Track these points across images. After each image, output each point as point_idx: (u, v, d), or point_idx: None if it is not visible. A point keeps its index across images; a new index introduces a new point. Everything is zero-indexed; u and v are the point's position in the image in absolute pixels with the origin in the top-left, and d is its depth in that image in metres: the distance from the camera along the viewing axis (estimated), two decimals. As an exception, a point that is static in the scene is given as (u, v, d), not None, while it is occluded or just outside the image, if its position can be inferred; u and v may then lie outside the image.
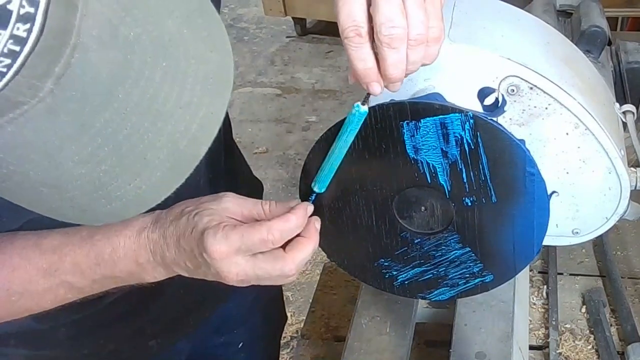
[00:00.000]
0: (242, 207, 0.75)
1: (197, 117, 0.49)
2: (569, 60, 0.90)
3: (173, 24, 0.47)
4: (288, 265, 0.73)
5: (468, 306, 1.01)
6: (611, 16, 2.76)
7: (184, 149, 0.49)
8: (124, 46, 0.45)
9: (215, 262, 0.72)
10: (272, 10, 4.12)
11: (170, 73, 0.47)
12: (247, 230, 0.72)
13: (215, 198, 0.76)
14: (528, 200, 0.80)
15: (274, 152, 3.39)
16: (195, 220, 0.73)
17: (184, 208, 0.76)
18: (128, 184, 0.48)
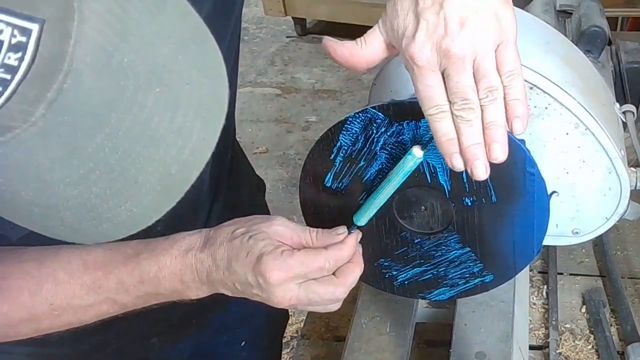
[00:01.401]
0: (292, 233, 0.78)
1: (190, 142, 0.49)
2: (569, 60, 0.90)
3: (168, 50, 0.47)
4: (339, 289, 0.77)
5: (468, 306, 1.01)
6: (611, 16, 2.76)
7: (176, 173, 0.50)
8: (117, 72, 0.45)
9: (270, 287, 0.74)
10: (272, 10, 4.12)
11: (164, 99, 0.47)
12: (306, 257, 0.75)
13: (267, 220, 0.78)
14: (528, 200, 0.80)
15: (274, 152, 3.39)
16: (251, 244, 0.75)
17: (235, 229, 0.77)
18: (119, 206, 0.49)
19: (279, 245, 0.76)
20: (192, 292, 0.78)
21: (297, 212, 0.89)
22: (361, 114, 0.79)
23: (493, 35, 0.66)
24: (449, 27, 0.65)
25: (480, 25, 0.66)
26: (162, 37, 0.47)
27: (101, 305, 0.78)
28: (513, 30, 0.68)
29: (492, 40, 0.66)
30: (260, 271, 0.73)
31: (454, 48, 0.65)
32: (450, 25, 0.65)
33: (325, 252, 0.76)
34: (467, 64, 0.66)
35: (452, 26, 0.65)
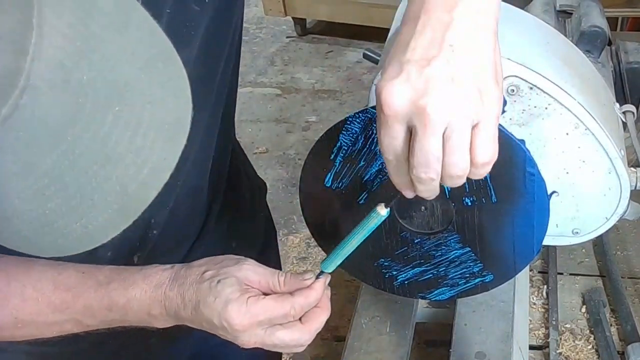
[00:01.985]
0: (261, 277, 0.78)
1: (149, 162, 0.49)
2: (569, 60, 0.90)
3: (131, 68, 0.47)
4: (305, 337, 0.78)
5: (468, 306, 1.01)
6: (611, 16, 2.76)
7: (133, 193, 0.49)
8: (76, 90, 0.44)
9: (235, 332, 0.77)
10: (272, 11, 4.12)
11: (124, 117, 0.46)
12: (271, 305, 0.76)
13: (237, 263, 0.79)
14: (528, 200, 0.80)
15: (274, 152, 3.39)
16: (218, 290, 0.76)
17: (205, 271, 0.78)
18: (75, 222, 0.48)
19: (245, 290, 0.77)
20: (159, 324, 0.80)
21: (297, 212, 0.89)
22: (361, 114, 0.79)
23: (472, 110, 0.63)
24: (429, 87, 0.62)
25: (461, 94, 0.62)
26: (125, 55, 0.46)
27: (65, 324, 0.79)
28: (495, 112, 0.65)
29: (471, 115, 0.63)
30: (226, 318, 0.76)
31: (430, 108, 0.61)
32: (432, 84, 0.62)
33: (291, 298, 0.77)
34: (438, 129, 0.63)
35: (433, 86, 0.62)
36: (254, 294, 0.77)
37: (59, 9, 0.43)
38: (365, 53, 1.14)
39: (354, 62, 4.07)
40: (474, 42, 0.64)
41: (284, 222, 2.79)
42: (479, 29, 0.65)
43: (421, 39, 0.63)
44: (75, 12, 0.44)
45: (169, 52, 0.50)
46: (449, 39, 0.63)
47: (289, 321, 0.77)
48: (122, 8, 0.47)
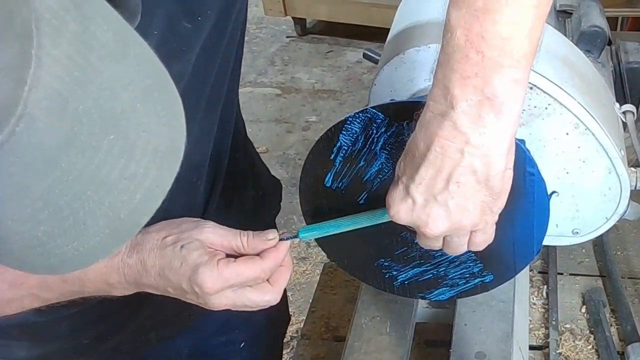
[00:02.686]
0: (223, 238, 0.79)
1: (142, 188, 0.49)
2: (569, 60, 0.90)
3: (127, 97, 0.47)
4: (274, 296, 0.81)
5: (468, 306, 1.01)
6: (611, 16, 2.76)
7: (125, 218, 0.50)
8: (72, 118, 0.45)
9: (207, 295, 0.77)
10: (272, 10, 4.12)
11: (118, 145, 0.47)
12: (242, 269, 0.77)
13: (197, 226, 0.79)
14: (528, 200, 0.80)
15: (274, 152, 3.39)
16: (184, 254, 0.76)
17: (165, 236, 0.78)
18: (66, 245, 0.49)
19: (213, 254, 0.77)
20: (118, 292, 0.80)
21: (297, 212, 0.89)
22: (361, 114, 0.79)
23: (469, 228, 0.73)
24: (430, 221, 0.71)
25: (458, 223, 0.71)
26: (122, 84, 0.47)
27: (23, 300, 0.79)
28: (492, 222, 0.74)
29: (468, 231, 0.73)
30: (197, 282, 0.76)
31: (429, 234, 0.73)
32: (433, 219, 0.71)
33: (260, 262, 0.78)
34: (436, 242, 0.75)
35: (434, 220, 0.71)
36: (222, 257, 0.77)
37: (58, 40, 0.43)
38: (365, 53, 1.14)
39: (354, 62, 4.08)
40: (479, 181, 0.69)
41: (284, 222, 2.79)
42: (489, 165, 0.68)
43: (431, 168, 0.69)
44: (74, 43, 0.44)
45: (165, 81, 0.50)
46: (455, 177, 0.68)
47: (256, 282, 0.79)
48: (121, 38, 0.47)
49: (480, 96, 0.65)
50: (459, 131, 0.66)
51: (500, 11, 0.63)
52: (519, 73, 0.65)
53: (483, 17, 0.63)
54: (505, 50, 0.64)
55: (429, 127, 0.68)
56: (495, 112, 0.65)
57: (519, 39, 0.64)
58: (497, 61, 0.64)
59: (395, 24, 1.01)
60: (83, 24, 0.45)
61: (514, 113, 0.66)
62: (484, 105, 0.65)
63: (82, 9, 0.45)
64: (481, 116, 0.65)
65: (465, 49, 0.64)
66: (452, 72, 0.65)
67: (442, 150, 0.67)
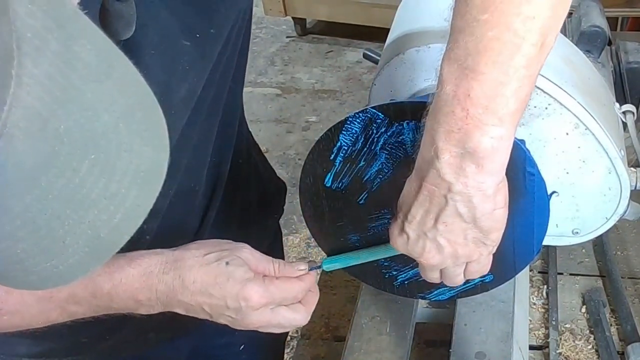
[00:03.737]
0: (258, 262, 0.83)
1: (122, 207, 0.49)
2: (569, 60, 0.90)
3: (109, 117, 0.47)
4: (304, 316, 0.85)
5: (468, 306, 1.01)
6: (611, 16, 2.76)
7: (105, 237, 0.49)
8: (52, 138, 0.44)
9: (250, 309, 0.79)
10: (272, 10, 4.12)
11: (99, 165, 0.46)
12: (286, 286, 0.82)
13: (236, 246, 0.83)
14: (528, 200, 0.80)
15: (274, 152, 3.39)
16: (230, 271, 0.79)
17: (206, 253, 0.80)
18: (45, 262, 0.48)
19: (257, 271, 0.81)
20: (144, 310, 0.81)
21: (297, 212, 0.89)
22: (361, 114, 0.79)
23: (465, 255, 0.75)
24: (424, 253, 0.75)
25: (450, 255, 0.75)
26: (104, 105, 0.46)
27: (50, 313, 0.79)
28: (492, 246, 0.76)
29: (463, 258, 0.76)
30: (245, 296, 0.78)
31: (425, 263, 0.77)
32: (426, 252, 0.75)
33: (299, 282, 0.83)
34: (433, 272, 0.80)
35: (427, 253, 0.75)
36: (269, 276, 0.82)
37: (39, 60, 0.43)
38: (365, 53, 1.14)
39: (354, 62, 4.08)
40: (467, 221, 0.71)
41: (284, 222, 2.77)
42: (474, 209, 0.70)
43: (420, 209, 0.73)
44: (56, 62, 0.44)
45: (149, 101, 0.50)
46: (442, 218, 0.71)
47: (292, 302, 0.83)
48: (104, 58, 0.47)
49: (462, 150, 0.66)
50: (443, 179, 0.69)
51: (488, 72, 0.64)
52: (502, 130, 0.66)
53: (471, 76, 0.64)
54: (489, 109, 0.65)
55: (420, 170, 0.71)
56: (476, 164, 0.67)
57: (504, 98, 0.65)
58: (480, 119, 0.65)
59: (395, 24, 1.01)
60: (66, 43, 0.44)
61: (496, 165, 0.68)
62: (465, 158, 0.67)
63: (65, 28, 0.44)
64: (463, 167, 0.67)
65: (452, 105, 0.66)
66: (438, 124, 0.67)
67: (429, 193, 0.71)
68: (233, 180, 1.04)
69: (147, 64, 0.76)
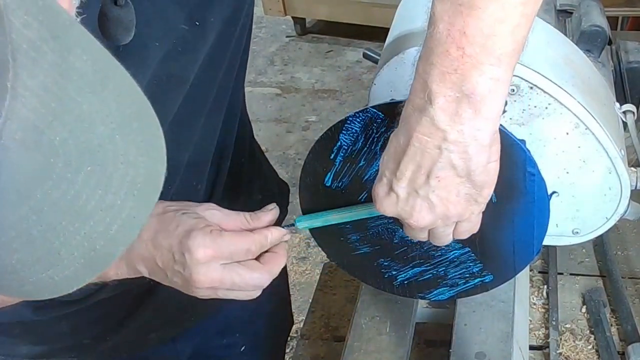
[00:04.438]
0: (226, 218, 0.78)
1: (118, 219, 0.49)
2: (569, 60, 0.90)
3: (105, 129, 0.46)
4: (264, 277, 0.78)
5: (468, 306, 1.01)
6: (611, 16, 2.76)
7: (101, 248, 0.49)
8: (47, 150, 0.44)
9: (194, 263, 0.74)
10: (271, 10, 4.12)
11: (95, 177, 0.46)
12: (234, 239, 0.76)
13: (201, 204, 0.79)
14: (528, 200, 0.80)
15: (274, 152, 3.39)
16: (182, 219, 0.75)
17: (167, 206, 0.77)
18: (41, 273, 0.48)
19: (210, 225, 0.76)
20: (112, 271, 0.77)
21: (297, 212, 0.89)
22: (361, 113, 0.79)
23: (456, 214, 0.72)
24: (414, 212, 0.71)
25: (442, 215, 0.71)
26: (100, 116, 0.46)
27: None
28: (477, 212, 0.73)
29: (451, 222, 0.73)
30: (188, 246, 0.73)
31: (414, 225, 0.73)
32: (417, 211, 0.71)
33: (252, 235, 0.78)
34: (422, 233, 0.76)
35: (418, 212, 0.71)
36: (216, 228, 0.76)
37: (35, 71, 0.42)
38: (365, 53, 1.14)
39: (354, 62, 4.08)
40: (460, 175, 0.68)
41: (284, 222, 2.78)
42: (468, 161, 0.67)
43: (411, 164, 0.69)
44: (51, 74, 0.43)
45: (146, 111, 0.50)
46: (435, 172, 0.68)
47: (248, 259, 0.77)
48: (100, 68, 0.47)
49: (458, 93, 0.64)
50: (437, 127, 0.65)
51: (485, 7, 0.62)
52: (499, 71, 0.63)
53: (467, 12, 0.62)
54: (486, 48, 0.62)
55: (409, 121, 0.67)
56: (473, 109, 0.64)
57: (501, 37, 0.63)
58: (477, 58, 0.63)
59: (395, 24, 1.01)
60: (61, 54, 0.44)
61: (493, 110, 0.65)
62: (462, 102, 0.64)
63: (61, 39, 0.44)
64: (459, 113, 0.64)
65: (446, 44, 0.63)
66: (431, 66, 0.64)
67: (421, 145, 0.67)
68: (236, 179, 1.04)
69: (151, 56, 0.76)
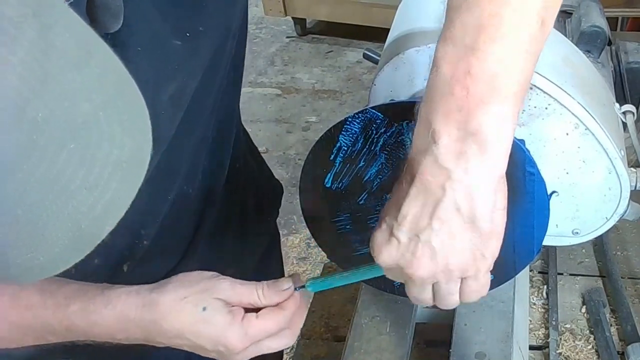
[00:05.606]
0: (240, 296, 0.78)
1: (103, 199, 0.48)
2: (569, 60, 0.90)
3: (89, 106, 0.46)
4: (292, 339, 0.81)
5: (468, 306, 1.01)
6: (611, 16, 2.76)
7: (86, 228, 0.49)
8: (29, 128, 0.43)
9: (232, 354, 0.77)
10: (272, 10, 4.12)
11: (78, 155, 0.46)
12: (266, 324, 0.77)
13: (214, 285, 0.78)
14: (528, 200, 0.80)
15: (274, 152, 3.39)
16: (207, 318, 0.75)
17: (184, 297, 0.76)
18: (26, 254, 0.48)
19: (235, 312, 0.76)
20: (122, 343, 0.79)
21: (297, 212, 0.89)
22: (361, 114, 0.79)
23: (460, 266, 0.68)
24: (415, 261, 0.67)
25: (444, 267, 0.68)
26: (83, 93, 0.45)
27: (24, 338, 0.78)
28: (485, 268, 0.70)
29: (458, 270, 0.69)
30: (225, 343, 0.76)
31: (415, 277, 0.69)
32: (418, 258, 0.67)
33: (282, 313, 0.78)
34: (424, 288, 0.71)
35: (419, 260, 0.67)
36: (242, 314, 0.77)
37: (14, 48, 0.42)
38: (365, 53, 1.14)
39: (354, 62, 4.08)
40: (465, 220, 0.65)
41: (284, 222, 2.78)
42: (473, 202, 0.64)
43: (413, 206, 0.66)
44: (32, 51, 0.43)
45: (130, 90, 0.49)
46: (438, 214, 0.65)
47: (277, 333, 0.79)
48: (83, 45, 0.46)
49: (463, 131, 0.62)
50: (441, 166, 0.63)
51: (487, 49, 0.60)
52: (506, 109, 0.62)
53: (471, 53, 0.61)
54: (492, 86, 0.61)
55: (412, 165, 0.66)
56: (479, 146, 0.62)
57: (505, 77, 0.61)
58: (482, 96, 0.61)
59: (395, 24, 1.01)
60: (42, 32, 0.43)
61: (500, 150, 0.63)
62: (467, 140, 0.62)
63: (42, 17, 0.43)
64: (464, 151, 0.62)
65: (450, 85, 0.62)
66: (435, 107, 0.63)
67: (424, 186, 0.65)
68: (230, 185, 1.03)
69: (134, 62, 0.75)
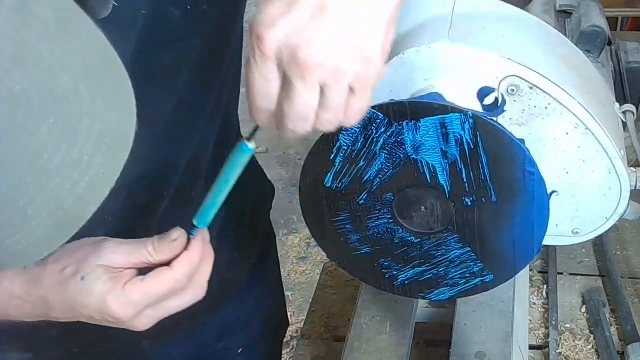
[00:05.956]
0: (128, 255, 0.70)
1: (86, 176, 0.46)
2: (569, 60, 0.90)
3: (69, 79, 0.44)
4: (199, 292, 0.72)
5: (468, 306, 1.01)
6: (611, 16, 2.76)
7: (69, 208, 0.47)
8: (7, 100, 0.42)
9: (124, 322, 0.70)
10: (272, 10, 4.12)
11: (59, 129, 0.44)
12: (152, 286, 0.69)
13: (95, 250, 0.70)
14: (528, 200, 0.80)
15: (274, 152, 3.39)
16: (88, 287, 0.69)
17: (64, 268, 0.70)
18: (9, 238, 0.46)
19: (117, 277, 0.69)
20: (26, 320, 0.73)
21: (297, 212, 0.89)
22: (361, 114, 0.79)
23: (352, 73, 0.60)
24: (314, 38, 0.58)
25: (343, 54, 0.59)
26: (63, 65, 0.44)
27: None
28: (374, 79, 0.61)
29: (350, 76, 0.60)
30: (108, 313, 0.69)
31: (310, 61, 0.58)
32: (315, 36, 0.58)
33: (172, 272, 0.69)
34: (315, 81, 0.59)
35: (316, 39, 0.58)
36: (128, 278, 0.69)
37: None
38: (365, 53, 1.14)
39: (354, 62, 4.07)
40: None
41: (284, 222, 2.79)
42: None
43: None
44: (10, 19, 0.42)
45: (113, 63, 0.48)
46: None
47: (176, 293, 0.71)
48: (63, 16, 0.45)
49: None
50: None
51: None
52: None
53: None
54: None
55: None
56: None
57: None
58: None
59: (395, 24, 1.01)
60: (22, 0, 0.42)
61: None
62: None
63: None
64: None
65: None
66: None
67: None
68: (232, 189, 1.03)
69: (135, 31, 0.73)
